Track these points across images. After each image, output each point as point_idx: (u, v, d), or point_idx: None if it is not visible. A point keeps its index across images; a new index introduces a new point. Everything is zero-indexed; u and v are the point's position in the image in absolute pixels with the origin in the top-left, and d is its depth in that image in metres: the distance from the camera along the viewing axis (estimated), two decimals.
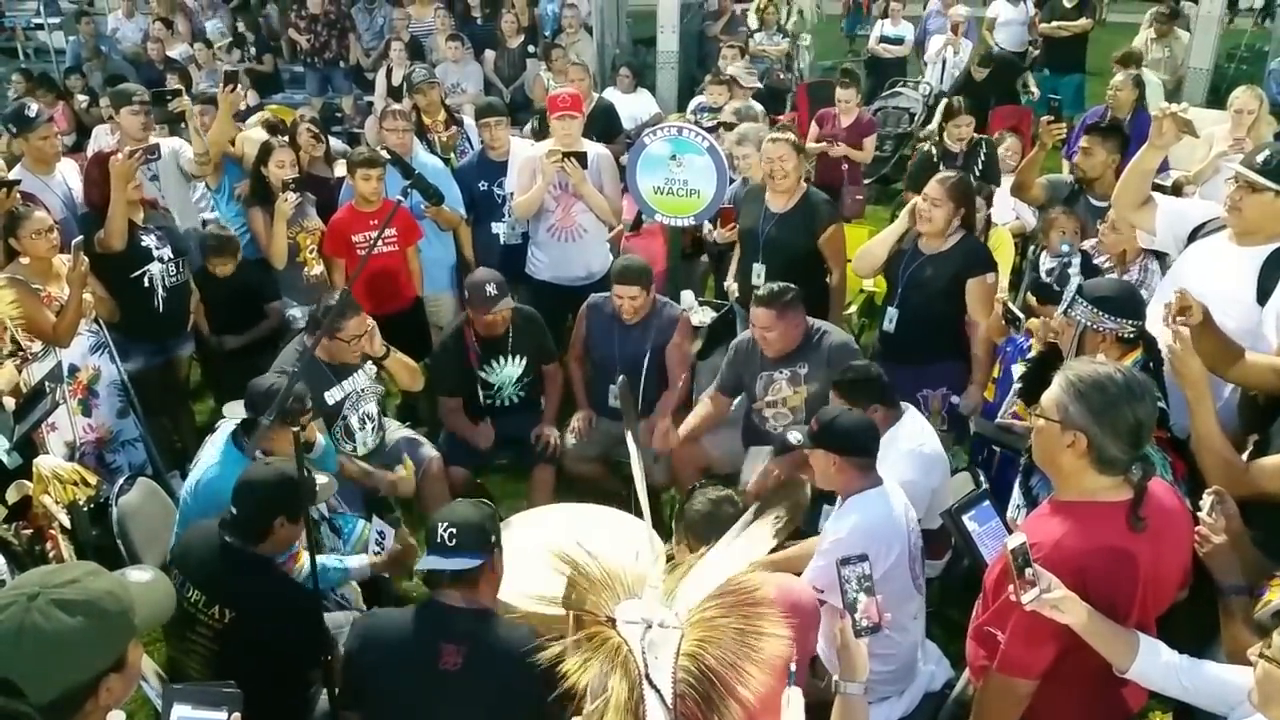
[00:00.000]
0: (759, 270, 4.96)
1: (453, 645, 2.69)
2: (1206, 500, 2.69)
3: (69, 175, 5.27)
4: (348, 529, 3.98)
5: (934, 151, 6.92)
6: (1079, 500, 2.44)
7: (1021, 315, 4.19)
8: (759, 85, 8.18)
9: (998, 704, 2.51)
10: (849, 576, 2.26)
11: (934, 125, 8.28)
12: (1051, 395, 2.44)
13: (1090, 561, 2.35)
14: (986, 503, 3.03)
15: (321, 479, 3.49)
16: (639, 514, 2.68)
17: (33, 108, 5.19)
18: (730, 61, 8.36)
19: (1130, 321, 3.24)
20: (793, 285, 4.28)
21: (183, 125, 5.83)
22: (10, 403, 3.71)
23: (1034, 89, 10.09)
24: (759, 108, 7.25)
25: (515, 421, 4.88)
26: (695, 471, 4.58)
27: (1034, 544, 2.36)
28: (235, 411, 3.86)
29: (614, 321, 4.83)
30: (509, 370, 4.84)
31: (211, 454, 3.80)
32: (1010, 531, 2.93)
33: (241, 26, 11.22)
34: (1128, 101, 7.09)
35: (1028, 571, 2.29)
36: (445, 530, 2.76)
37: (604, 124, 7.15)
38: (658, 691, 1.59)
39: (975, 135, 6.87)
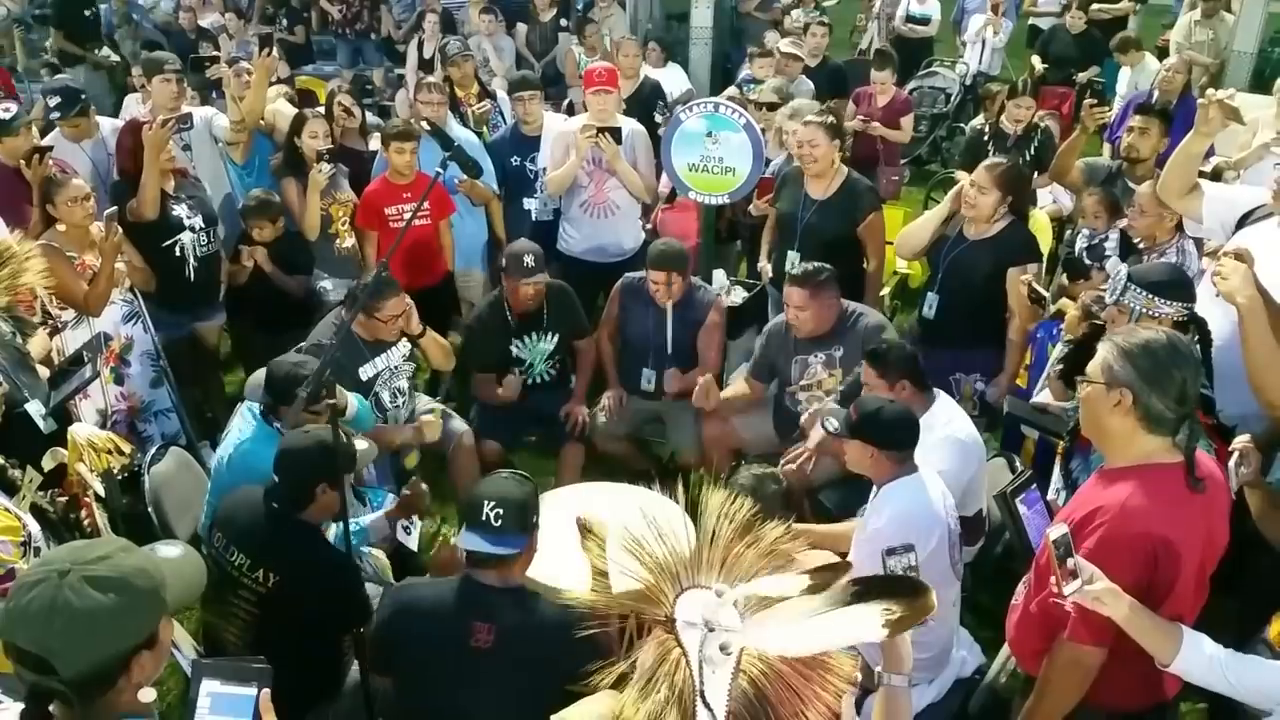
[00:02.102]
0: (793, 258, 4.88)
1: (485, 624, 2.68)
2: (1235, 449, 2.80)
3: (109, 139, 5.26)
4: (377, 501, 3.99)
5: (985, 130, 6.80)
6: (1135, 464, 2.43)
7: (1047, 295, 4.14)
8: (804, 58, 8.02)
9: (1067, 676, 2.48)
10: (895, 566, 2.23)
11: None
12: (1096, 360, 2.47)
13: (1157, 523, 2.34)
14: (1034, 486, 3.00)
15: (361, 445, 3.49)
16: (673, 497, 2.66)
17: (54, 99, 5.14)
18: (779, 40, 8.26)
19: (1184, 305, 3.20)
20: (828, 265, 4.23)
21: (214, 95, 5.82)
22: (45, 371, 3.72)
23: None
24: (809, 85, 7.13)
25: (546, 398, 4.86)
26: (726, 453, 4.55)
27: (1099, 508, 2.37)
28: (257, 381, 3.83)
29: (648, 306, 4.79)
30: (542, 346, 4.82)
31: (242, 427, 3.80)
32: (1053, 515, 2.91)
33: None
34: (1180, 84, 6.98)
35: (1069, 562, 2.26)
36: (491, 509, 2.70)
37: (652, 101, 7.06)
38: (710, 711, 1.55)
39: (1034, 120, 6.72)
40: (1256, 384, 3.11)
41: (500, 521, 2.70)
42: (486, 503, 2.71)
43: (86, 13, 9.81)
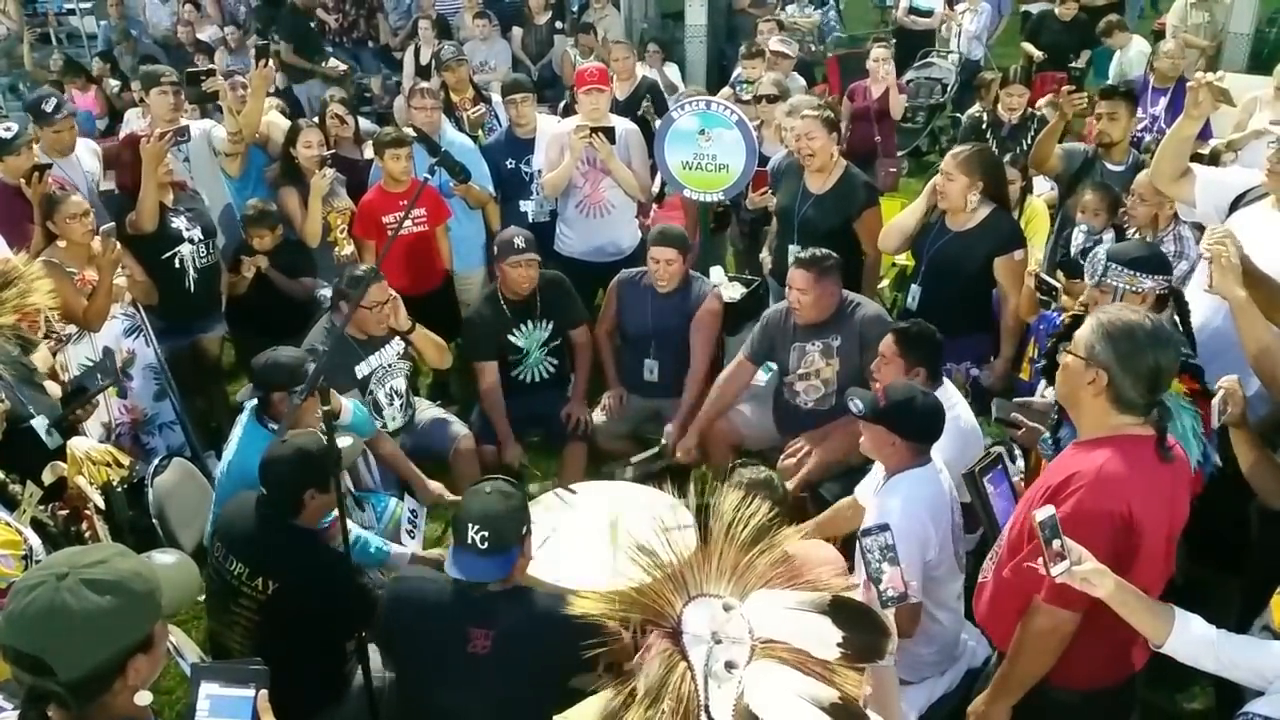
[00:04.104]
0: (795, 251, 4.87)
1: (482, 629, 2.68)
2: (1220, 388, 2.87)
3: (84, 157, 5.24)
4: (380, 507, 4.01)
5: (984, 118, 6.80)
6: (1108, 435, 2.47)
7: (1059, 285, 4.13)
8: (794, 56, 7.99)
9: (1041, 641, 2.49)
10: (871, 547, 2.22)
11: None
12: (1081, 333, 2.51)
13: (1133, 488, 2.37)
14: (1000, 466, 3.04)
15: (344, 441, 3.47)
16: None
17: (50, 102, 5.10)
18: (768, 35, 8.23)
19: (1164, 278, 3.25)
20: (833, 253, 4.26)
21: (212, 106, 5.84)
22: (56, 388, 3.75)
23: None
24: (801, 81, 7.11)
25: (544, 398, 4.88)
26: (727, 448, 4.56)
27: (1075, 474, 2.40)
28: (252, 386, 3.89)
29: (647, 295, 4.80)
30: (538, 334, 4.83)
31: (239, 434, 3.83)
32: (1018, 495, 2.93)
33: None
34: (1182, 68, 6.97)
35: (1055, 544, 2.26)
36: (476, 533, 2.66)
37: (651, 101, 7.06)
38: None
39: (1030, 109, 6.73)
40: (1259, 371, 3.14)
41: (486, 544, 2.66)
42: (471, 526, 2.67)
43: (312, 24, 9.97)
